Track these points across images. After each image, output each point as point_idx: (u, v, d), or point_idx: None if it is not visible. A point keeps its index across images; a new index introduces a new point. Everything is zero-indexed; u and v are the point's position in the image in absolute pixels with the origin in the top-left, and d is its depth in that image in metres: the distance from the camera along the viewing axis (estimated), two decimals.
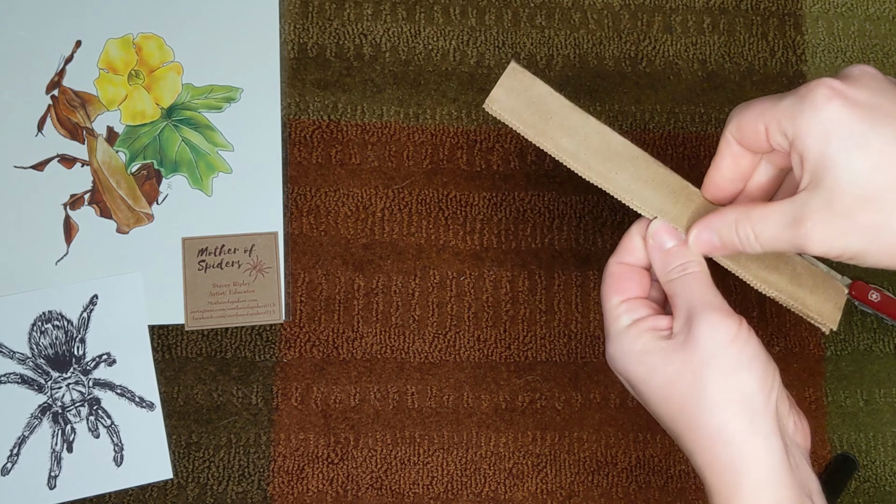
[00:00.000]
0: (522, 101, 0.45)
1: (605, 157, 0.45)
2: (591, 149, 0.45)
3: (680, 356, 0.41)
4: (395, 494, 0.65)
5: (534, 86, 0.45)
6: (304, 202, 0.68)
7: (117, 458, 0.64)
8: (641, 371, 0.43)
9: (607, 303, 0.45)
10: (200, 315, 0.65)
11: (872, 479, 0.68)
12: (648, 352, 0.42)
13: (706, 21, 0.72)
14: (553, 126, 0.45)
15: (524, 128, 0.45)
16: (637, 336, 0.43)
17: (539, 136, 0.45)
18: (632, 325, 0.44)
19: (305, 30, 0.69)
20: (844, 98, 0.37)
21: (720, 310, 0.42)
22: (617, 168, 0.45)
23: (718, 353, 0.41)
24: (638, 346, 0.43)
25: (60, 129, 0.66)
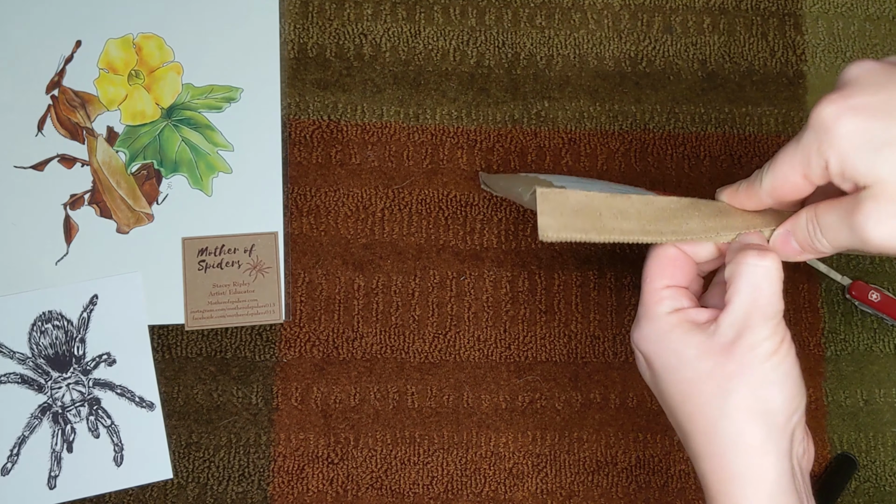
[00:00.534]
0: (568, 215, 0.44)
1: (666, 218, 0.44)
2: (650, 218, 0.44)
3: (715, 357, 0.41)
4: (395, 494, 0.65)
5: (567, 196, 0.44)
6: (304, 202, 0.68)
7: (117, 458, 0.64)
8: (672, 360, 0.42)
9: (651, 283, 0.44)
10: (200, 315, 0.65)
11: (872, 479, 0.68)
12: (685, 343, 0.42)
13: (706, 21, 0.72)
14: (607, 219, 0.44)
15: (584, 235, 0.44)
16: (676, 324, 0.42)
17: (602, 234, 0.44)
18: (673, 311, 0.43)
19: (305, 30, 0.69)
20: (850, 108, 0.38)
21: (774, 321, 0.41)
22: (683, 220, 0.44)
23: (755, 364, 0.40)
24: (675, 335, 0.42)
25: (60, 129, 0.66)
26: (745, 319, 0.41)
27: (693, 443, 0.42)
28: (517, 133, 0.69)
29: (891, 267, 0.70)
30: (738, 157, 0.70)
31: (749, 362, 0.41)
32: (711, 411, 0.41)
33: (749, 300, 0.41)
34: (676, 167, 0.70)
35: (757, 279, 0.41)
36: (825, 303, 0.69)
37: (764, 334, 0.41)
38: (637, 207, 0.44)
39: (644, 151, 0.70)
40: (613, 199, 0.44)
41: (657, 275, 0.44)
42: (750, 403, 0.40)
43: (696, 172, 0.70)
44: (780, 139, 0.71)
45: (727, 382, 0.41)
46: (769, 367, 0.41)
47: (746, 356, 0.41)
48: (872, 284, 0.68)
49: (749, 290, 0.41)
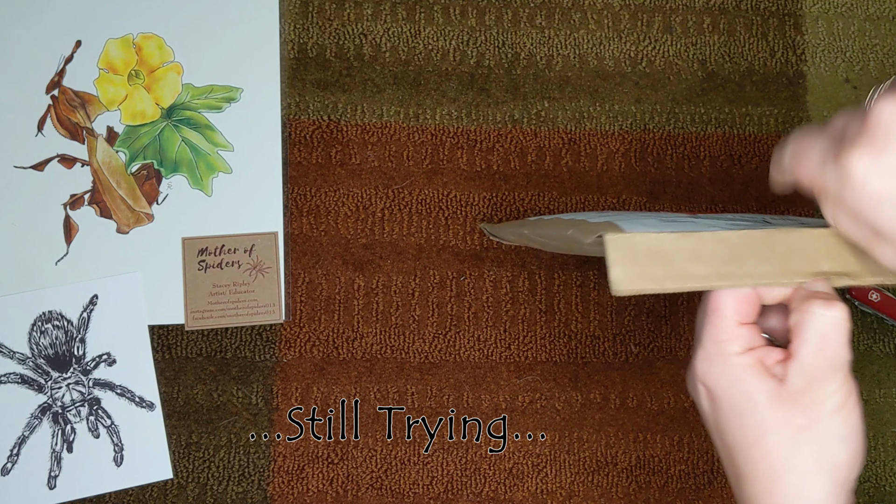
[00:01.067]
0: (641, 262, 0.41)
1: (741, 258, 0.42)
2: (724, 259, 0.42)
3: (786, 408, 0.40)
4: (395, 494, 0.65)
5: (636, 241, 0.41)
6: (304, 202, 0.68)
7: (117, 458, 0.64)
8: (742, 403, 0.41)
9: (725, 320, 0.42)
10: (200, 315, 0.65)
11: (872, 479, 0.68)
12: (757, 388, 0.41)
13: (706, 21, 0.72)
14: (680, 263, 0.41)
15: (659, 285, 0.41)
16: (749, 366, 0.41)
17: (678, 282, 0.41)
18: (745, 352, 0.42)
19: (305, 30, 0.69)
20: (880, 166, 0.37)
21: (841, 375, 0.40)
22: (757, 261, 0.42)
23: (824, 418, 0.40)
24: (747, 377, 0.41)
25: (60, 129, 0.66)
26: (814, 371, 0.40)
27: (750, 487, 0.42)
28: (517, 133, 0.69)
29: None
30: (738, 157, 0.70)
31: (818, 417, 0.40)
32: (778, 462, 0.41)
33: (816, 351, 0.40)
34: (676, 167, 0.70)
35: (825, 330, 0.40)
36: None
37: (833, 387, 0.40)
38: (710, 248, 0.42)
39: (644, 151, 0.70)
40: (685, 239, 0.41)
41: (731, 311, 0.42)
42: (818, 458, 0.40)
43: (696, 172, 0.70)
44: (780, 139, 0.71)
45: (797, 435, 0.40)
46: (838, 422, 0.40)
47: (815, 410, 0.40)
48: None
49: (817, 340, 0.40)
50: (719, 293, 0.42)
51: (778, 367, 0.42)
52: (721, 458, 0.44)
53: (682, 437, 0.67)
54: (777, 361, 0.42)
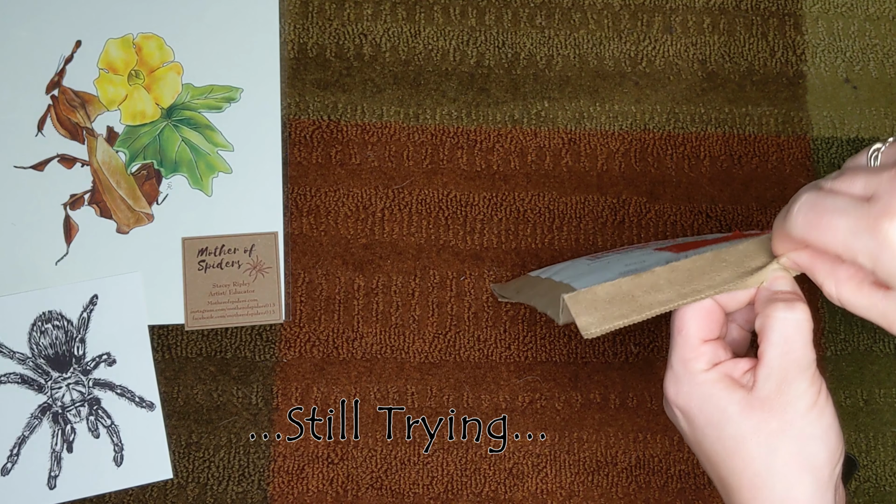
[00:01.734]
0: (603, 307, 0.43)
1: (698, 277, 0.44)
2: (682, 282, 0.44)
3: (758, 414, 0.41)
4: (395, 494, 0.65)
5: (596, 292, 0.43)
6: (304, 202, 0.68)
7: (117, 458, 0.64)
8: (715, 416, 0.42)
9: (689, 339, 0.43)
10: (200, 315, 0.65)
11: (872, 479, 0.68)
12: (727, 400, 0.41)
13: (706, 21, 0.72)
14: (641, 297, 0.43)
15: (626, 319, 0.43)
16: (717, 380, 0.42)
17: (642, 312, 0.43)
18: (711, 368, 0.42)
19: (305, 30, 0.69)
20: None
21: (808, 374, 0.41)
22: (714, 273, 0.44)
23: (798, 420, 0.41)
24: (716, 391, 0.42)
25: (60, 129, 0.67)
26: (782, 374, 0.41)
27: (737, 496, 0.43)
28: (517, 133, 0.69)
29: None
30: (738, 157, 0.70)
31: (791, 419, 0.41)
32: (758, 467, 0.41)
33: (782, 353, 0.41)
34: (676, 167, 0.70)
35: (788, 332, 0.41)
36: (825, 303, 0.69)
37: (802, 387, 0.41)
38: (666, 277, 0.44)
39: (644, 151, 0.70)
40: (640, 278, 0.44)
41: (694, 329, 0.43)
42: (797, 460, 0.41)
43: (696, 172, 0.70)
44: (780, 139, 0.71)
45: (773, 440, 0.41)
46: (811, 421, 0.41)
47: (788, 412, 0.41)
48: None
49: (781, 343, 0.41)
50: (682, 314, 0.43)
51: (746, 376, 0.42)
52: (707, 472, 0.45)
53: (681, 437, 0.67)
54: (744, 372, 0.42)
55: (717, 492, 0.67)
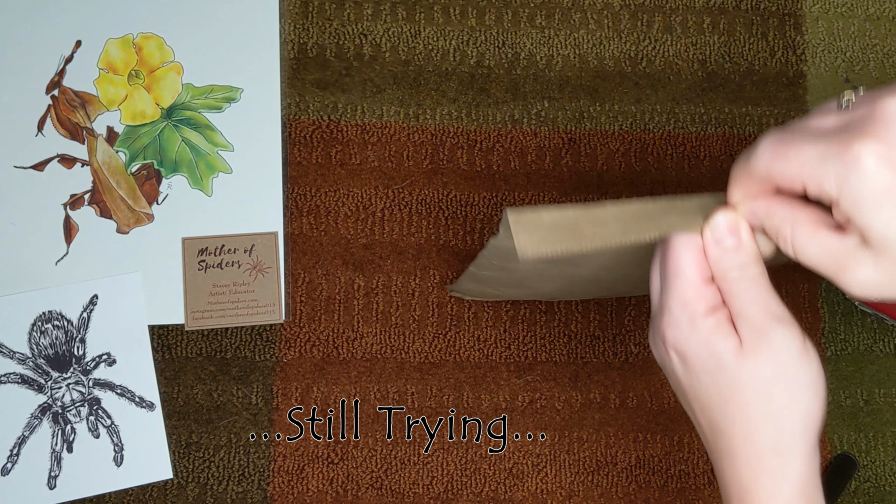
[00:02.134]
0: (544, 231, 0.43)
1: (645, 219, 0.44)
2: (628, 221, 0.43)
3: (751, 363, 0.41)
4: (395, 494, 0.65)
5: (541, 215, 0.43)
6: (304, 202, 0.68)
7: (117, 458, 0.64)
8: (711, 363, 0.42)
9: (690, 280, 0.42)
10: (200, 315, 0.65)
11: (872, 479, 0.68)
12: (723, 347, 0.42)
13: (706, 21, 0.72)
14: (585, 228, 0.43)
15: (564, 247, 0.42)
16: (714, 328, 0.42)
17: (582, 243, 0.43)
18: (709, 314, 0.42)
19: (305, 30, 0.69)
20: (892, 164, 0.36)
21: (788, 323, 0.41)
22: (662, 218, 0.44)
23: (790, 368, 0.41)
24: (714, 338, 0.42)
25: (60, 129, 0.66)
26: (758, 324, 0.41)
27: (728, 441, 0.43)
28: (517, 133, 0.69)
29: None
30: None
31: (785, 367, 0.41)
32: (753, 414, 0.42)
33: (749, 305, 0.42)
34: (676, 167, 0.70)
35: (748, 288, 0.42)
36: (825, 303, 0.69)
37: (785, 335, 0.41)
38: (613, 213, 0.43)
39: (644, 151, 0.70)
40: (588, 209, 0.43)
41: (693, 271, 0.43)
42: (790, 406, 0.42)
43: (696, 172, 0.70)
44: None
45: (768, 387, 0.41)
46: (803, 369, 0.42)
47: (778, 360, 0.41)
48: None
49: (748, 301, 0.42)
50: (677, 256, 0.43)
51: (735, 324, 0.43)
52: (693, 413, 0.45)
53: (682, 437, 0.67)
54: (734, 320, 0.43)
55: (716, 492, 0.67)
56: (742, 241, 0.42)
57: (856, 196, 0.36)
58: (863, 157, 0.36)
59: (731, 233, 0.43)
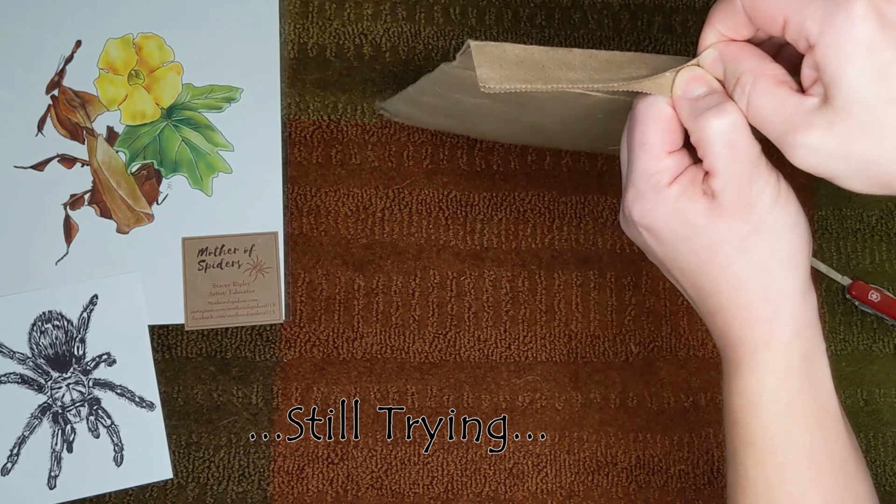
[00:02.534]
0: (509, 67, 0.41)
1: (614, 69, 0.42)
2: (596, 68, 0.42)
3: (727, 221, 0.40)
4: (395, 494, 0.65)
5: (505, 49, 0.41)
6: (304, 202, 0.68)
7: (117, 458, 0.64)
8: (685, 230, 0.41)
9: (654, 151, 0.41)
10: (200, 315, 0.65)
11: (872, 479, 0.68)
12: (694, 212, 0.40)
13: None
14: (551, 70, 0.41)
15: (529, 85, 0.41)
16: (680, 194, 0.41)
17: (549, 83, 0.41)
18: (675, 181, 0.41)
19: (305, 30, 0.69)
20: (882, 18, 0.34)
21: (762, 168, 0.40)
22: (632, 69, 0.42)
23: (766, 216, 0.40)
24: (682, 204, 0.41)
25: (60, 129, 0.66)
26: (737, 177, 0.40)
27: (715, 298, 0.42)
28: None
29: (891, 267, 0.70)
30: None
31: (760, 216, 0.40)
32: (736, 269, 0.41)
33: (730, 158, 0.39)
34: None
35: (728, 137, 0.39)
36: (825, 303, 0.69)
37: (761, 183, 0.40)
38: (581, 59, 0.42)
39: None
40: (555, 51, 0.42)
41: (658, 141, 0.41)
42: (773, 254, 0.41)
43: None
44: None
45: (747, 241, 0.40)
46: (779, 212, 0.40)
47: (755, 211, 0.40)
48: (872, 284, 0.68)
49: (725, 149, 0.39)
50: (643, 127, 0.41)
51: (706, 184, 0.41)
52: (675, 279, 0.44)
53: (682, 437, 0.67)
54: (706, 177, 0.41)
55: (717, 492, 0.67)
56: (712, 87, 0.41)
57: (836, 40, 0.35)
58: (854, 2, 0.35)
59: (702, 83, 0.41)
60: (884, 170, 0.36)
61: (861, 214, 0.70)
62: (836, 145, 0.36)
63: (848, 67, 0.35)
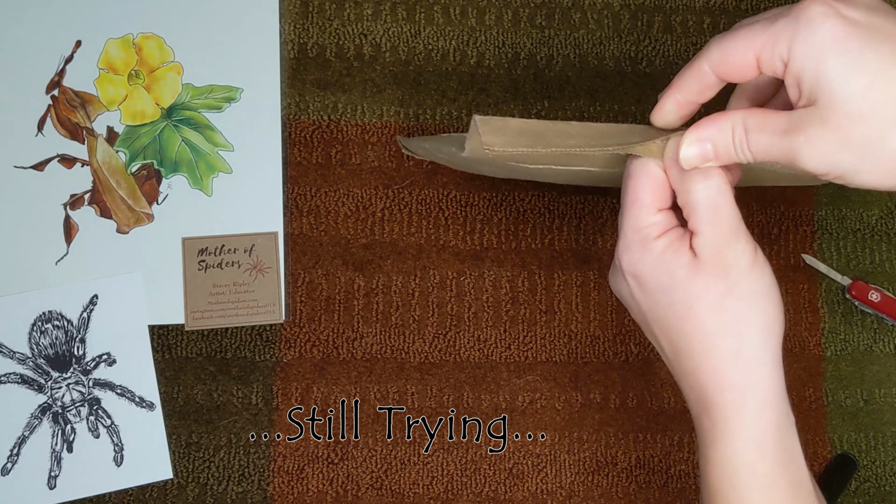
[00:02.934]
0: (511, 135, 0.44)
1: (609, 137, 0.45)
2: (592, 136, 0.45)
3: (705, 278, 0.42)
4: (395, 494, 0.65)
5: (508, 122, 0.45)
6: (304, 202, 0.68)
7: (117, 458, 0.64)
8: (665, 281, 0.43)
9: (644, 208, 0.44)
10: (200, 315, 0.65)
11: (872, 479, 0.68)
12: (676, 265, 0.43)
13: (706, 21, 0.72)
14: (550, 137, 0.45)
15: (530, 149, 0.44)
16: (666, 247, 0.43)
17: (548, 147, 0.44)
18: (663, 234, 0.44)
19: (305, 30, 0.69)
20: (841, 16, 0.37)
21: (741, 235, 0.42)
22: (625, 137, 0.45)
23: (741, 280, 0.42)
24: (667, 257, 0.43)
25: (60, 129, 0.67)
26: (718, 239, 0.42)
27: (688, 359, 0.44)
28: None
29: (891, 267, 0.70)
30: None
31: (736, 279, 0.42)
32: (709, 328, 0.43)
33: (712, 221, 0.42)
34: None
35: (712, 200, 0.42)
36: (825, 303, 0.69)
37: (739, 248, 0.42)
38: (578, 129, 0.45)
39: None
40: (555, 124, 0.45)
41: (649, 199, 0.44)
42: (746, 318, 0.42)
43: None
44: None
45: (722, 301, 0.42)
46: (754, 279, 0.42)
47: (731, 273, 0.42)
48: (872, 284, 0.68)
49: (709, 212, 0.42)
50: (636, 185, 0.44)
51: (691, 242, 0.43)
52: (654, 336, 0.46)
53: (682, 437, 0.67)
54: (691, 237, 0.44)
55: None
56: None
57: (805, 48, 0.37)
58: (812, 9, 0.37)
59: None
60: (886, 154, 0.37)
61: (861, 214, 0.70)
62: (835, 136, 0.37)
63: (822, 66, 0.37)
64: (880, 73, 0.36)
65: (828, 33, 0.37)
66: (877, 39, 0.37)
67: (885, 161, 0.37)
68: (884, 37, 0.37)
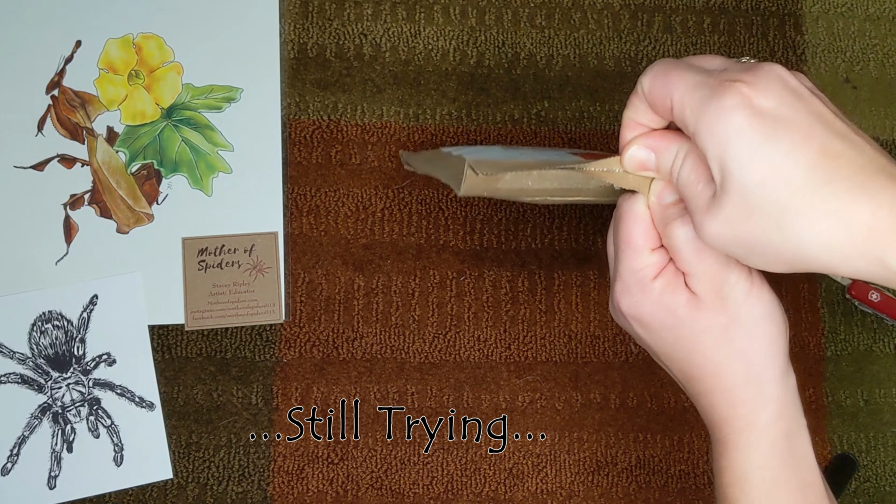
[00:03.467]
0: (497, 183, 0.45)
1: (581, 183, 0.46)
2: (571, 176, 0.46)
3: (705, 314, 0.43)
4: (395, 494, 0.65)
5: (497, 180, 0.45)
6: (304, 202, 0.68)
7: (117, 458, 0.64)
8: (669, 320, 0.44)
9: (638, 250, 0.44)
10: (200, 315, 0.65)
11: (872, 479, 0.68)
12: (675, 304, 0.43)
13: (706, 21, 0.72)
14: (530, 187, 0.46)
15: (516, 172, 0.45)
16: (664, 288, 0.44)
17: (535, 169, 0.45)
18: (658, 276, 0.44)
19: (305, 30, 0.69)
20: (751, 108, 0.37)
21: (732, 266, 0.43)
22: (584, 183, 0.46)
23: (741, 309, 0.43)
24: (665, 298, 0.44)
25: (60, 129, 0.67)
26: (709, 277, 0.43)
27: (702, 384, 0.45)
28: (517, 133, 0.69)
29: None
30: None
31: (735, 310, 0.43)
32: (718, 357, 0.44)
33: (699, 262, 0.43)
34: None
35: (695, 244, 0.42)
36: (825, 303, 0.69)
37: (732, 279, 0.43)
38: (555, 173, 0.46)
39: None
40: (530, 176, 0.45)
41: (642, 240, 0.44)
42: (752, 342, 0.43)
43: None
44: None
45: (725, 332, 0.43)
46: (753, 303, 0.43)
47: (730, 305, 0.43)
48: (872, 284, 0.68)
49: (694, 254, 0.43)
50: (627, 227, 0.45)
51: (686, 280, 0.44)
52: (664, 364, 0.47)
53: (682, 437, 0.67)
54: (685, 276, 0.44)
55: None
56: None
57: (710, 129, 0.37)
58: (727, 93, 0.37)
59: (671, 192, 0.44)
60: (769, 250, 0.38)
61: None
62: (727, 230, 0.38)
63: (724, 154, 0.37)
64: (773, 170, 0.36)
65: (734, 122, 0.37)
66: (779, 134, 0.36)
67: (770, 255, 0.38)
68: (787, 131, 0.36)
